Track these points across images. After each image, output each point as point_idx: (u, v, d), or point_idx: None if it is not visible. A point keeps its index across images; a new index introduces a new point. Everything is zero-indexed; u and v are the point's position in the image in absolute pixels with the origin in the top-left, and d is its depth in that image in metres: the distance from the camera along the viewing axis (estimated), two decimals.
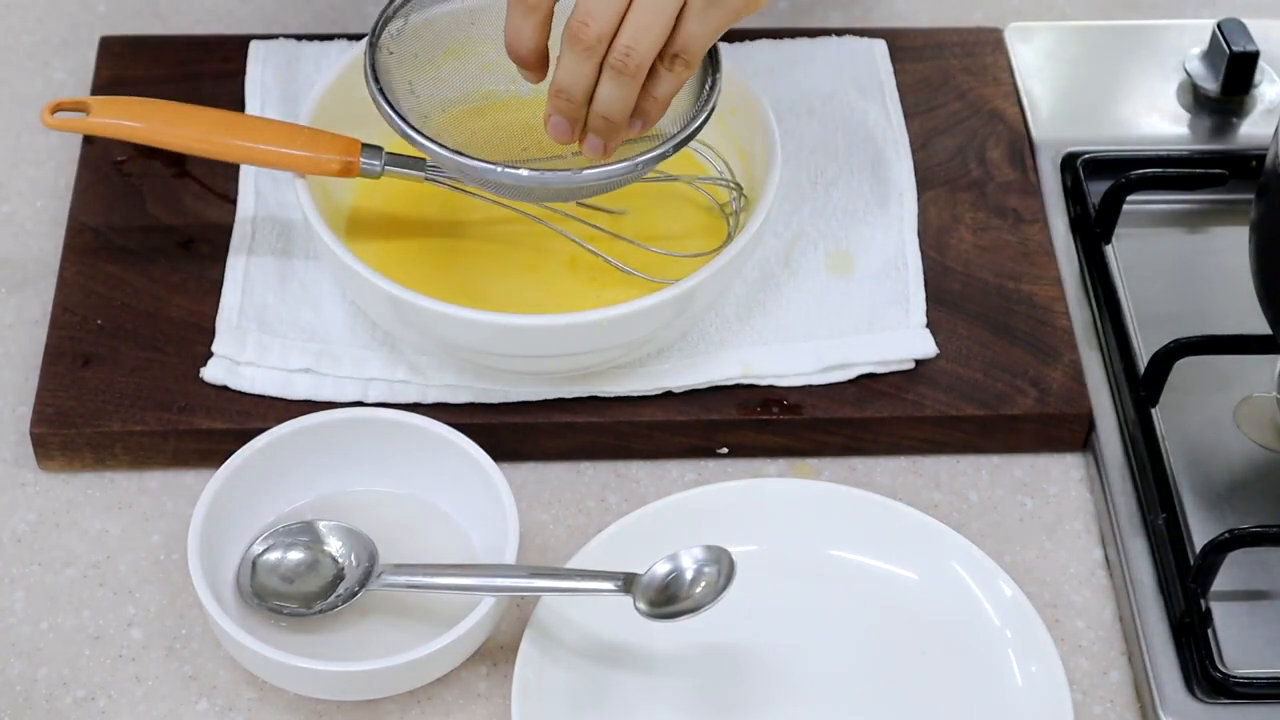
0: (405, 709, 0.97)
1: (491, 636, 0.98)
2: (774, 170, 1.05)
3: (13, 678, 0.98)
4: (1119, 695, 0.99)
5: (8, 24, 1.27)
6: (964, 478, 1.08)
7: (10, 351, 1.10)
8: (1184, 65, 1.24)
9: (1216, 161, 1.17)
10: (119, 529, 1.03)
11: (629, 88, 0.96)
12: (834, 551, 1.02)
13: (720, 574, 0.94)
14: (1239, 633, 0.99)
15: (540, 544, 1.04)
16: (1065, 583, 1.03)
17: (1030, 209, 1.16)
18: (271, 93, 1.18)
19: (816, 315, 1.09)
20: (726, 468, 1.07)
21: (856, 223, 1.14)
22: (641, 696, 0.97)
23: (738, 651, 0.99)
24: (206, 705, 0.97)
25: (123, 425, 1.04)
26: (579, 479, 1.07)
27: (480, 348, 1.02)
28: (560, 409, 1.06)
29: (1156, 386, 1.07)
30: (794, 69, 1.21)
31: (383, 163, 1.05)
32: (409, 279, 1.01)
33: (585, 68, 0.95)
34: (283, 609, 0.98)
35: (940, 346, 1.08)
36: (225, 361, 1.06)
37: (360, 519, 1.01)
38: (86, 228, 1.12)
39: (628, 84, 0.95)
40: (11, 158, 1.19)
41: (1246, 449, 1.07)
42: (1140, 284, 1.13)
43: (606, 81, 0.96)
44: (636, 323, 1.01)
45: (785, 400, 1.07)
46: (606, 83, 0.96)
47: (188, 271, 1.11)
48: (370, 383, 1.06)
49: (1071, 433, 1.08)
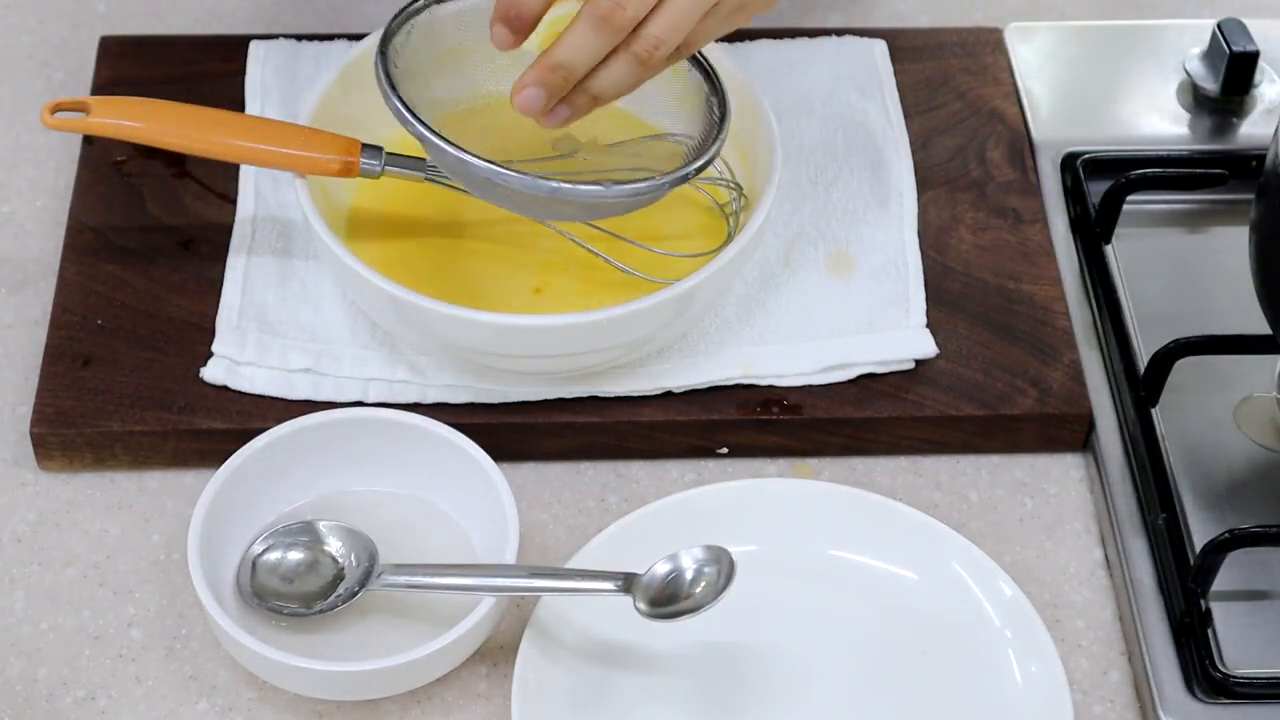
0: (405, 709, 0.97)
1: (491, 636, 0.98)
2: (774, 170, 1.05)
3: (13, 678, 0.98)
4: (1119, 695, 0.99)
5: (8, 24, 1.27)
6: (964, 478, 1.08)
7: (10, 351, 1.10)
8: (1184, 65, 1.24)
9: (1216, 161, 1.17)
10: (119, 529, 1.03)
11: (640, 76, 0.95)
12: (834, 551, 1.02)
13: (720, 574, 0.94)
14: (1239, 633, 0.99)
15: (540, 544, 1.04)
16: (1065, 583, 1.03)
17: (1030, 209, 1.16)
18: (271, 93, 1.18)
19: (816, 315, 1.09)
20: (726, 468, 1.07)
21: (856, 223, 1.14)
22: (641, 696, 0.97)
23: (738, 651, 0.99)
24: (206, 705, 0.97)
25: (123, 425, 1.04)
26: (579, 479, 1.07)
27: (480, 348, 1.02)
28: (560, 409, 1.06)
29: (1156, 386, 1.07)
30: (794, 69, 1.21)
31: (383, 163, 1.05)
32: (409, 279, 1.01)
33: (599, 47, 0.94)
34: (283, 609, 0.98)
35: (940, 346, 1.08)
36: (225, 361, 1.06)
37: (360, 519, 1.01)
38: (86, 228, 1.12)
39: (641, 73, 0.95)
40: (11, 158, 1.19)
41: (1246, 449, 1.07)
42: (1140, 284, 1.13)
43: (620, 66, 0.95)
44: (636, 323, 1.01)
45: (785, 400, 1.07)
46: (619, 67, 0.95)
47: (188, 271, 1.11)
48: (370, 383, 1.06)
49: (1071, 433, 1.08)
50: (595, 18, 0.93)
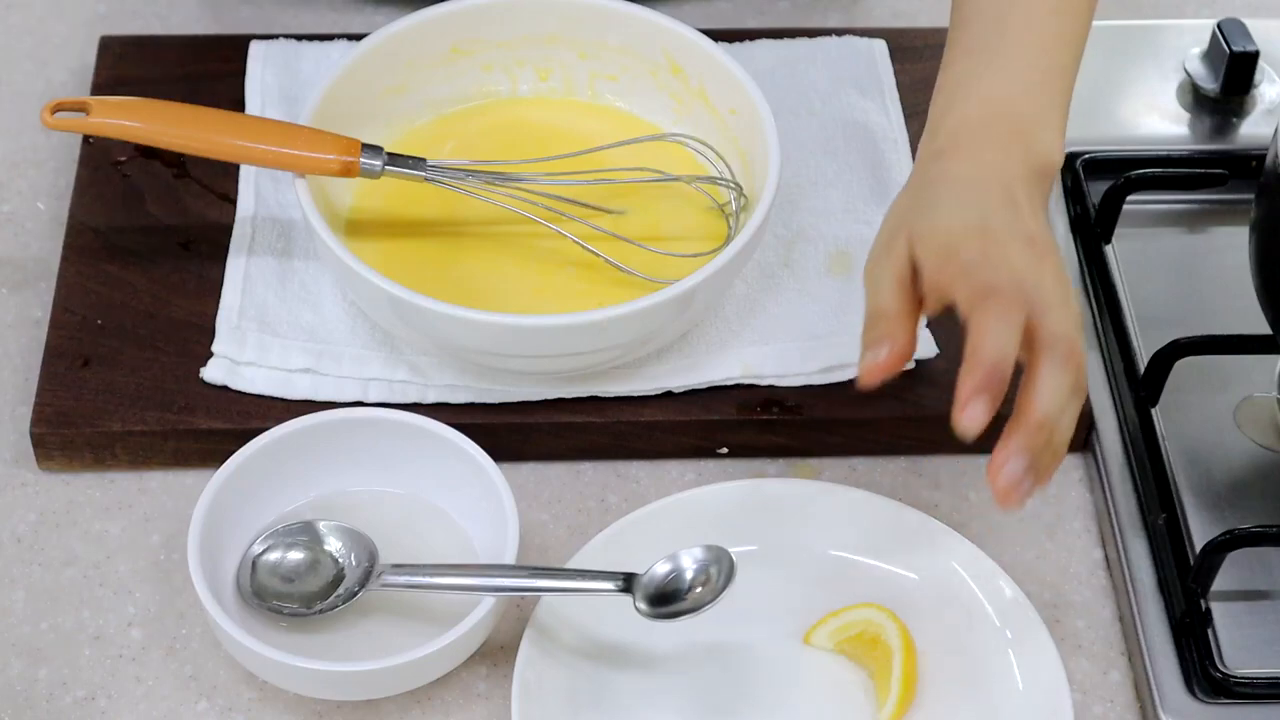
0: (405, 709, 0.97)
1: (491, 636, 0.98)
2: (774, 170, 1.05)
3: (13, 678, 0.98)
4: (1119, 695, 0.99)
5: (8, 24, 1.27)
6: (964, 478, 1.08)
7: (10, 351, 1.10)
8: (1184, 65, 1.24)
9: (1216, 161, 1.17)
10: (119, 529, 1.03)
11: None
12: (834, 551, 1.02)
13: (720, 574, 0.94)
14: (1239, 633, 0.99)
15: (540, 544, 1.04)
16: (1065, 583, 1.03)
17: None
18: (271, 93, 1.18)
19: (816, 315, 1.09)
20: (726, 468, 1.07)
21: (856, 223, 1.14)
22: (641, 696, 0.97)
23: (738, 651, 0.99)
24: (206, 705, 0.97)
25: (123, 425, 1.04)
26: (579, 479, 1.07)
27: (480, 348, 1.02)
28: (560, 409, 1.06)
29: (1156, 386, 1.07)
30: (794, 69, 1.21)
31: (383, 162, 1.05)
32: (409, 279, 1.01)
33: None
34: (283, 609, 0.98)
35: (940, 346, 1.08)
36: (225, 361, 1.06)
37: (360, 519, 1.01)
38: (86, 228, 1.12)
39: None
40: (11, 158, 1.19)
41: (1246, 449, 1.07)
42: (1140, 284, 1.13)
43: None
44: (636, 323, 1.01)
45: (785, 400, 1.07)
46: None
47: (188, 271, 1.11)
48: (370, 383, 1.06)
49: None
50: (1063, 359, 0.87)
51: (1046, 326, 0.87)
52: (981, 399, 0.86)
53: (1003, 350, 0.86)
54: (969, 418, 0.87)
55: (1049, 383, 0.88)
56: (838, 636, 0.98)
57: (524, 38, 1.14)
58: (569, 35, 1.14)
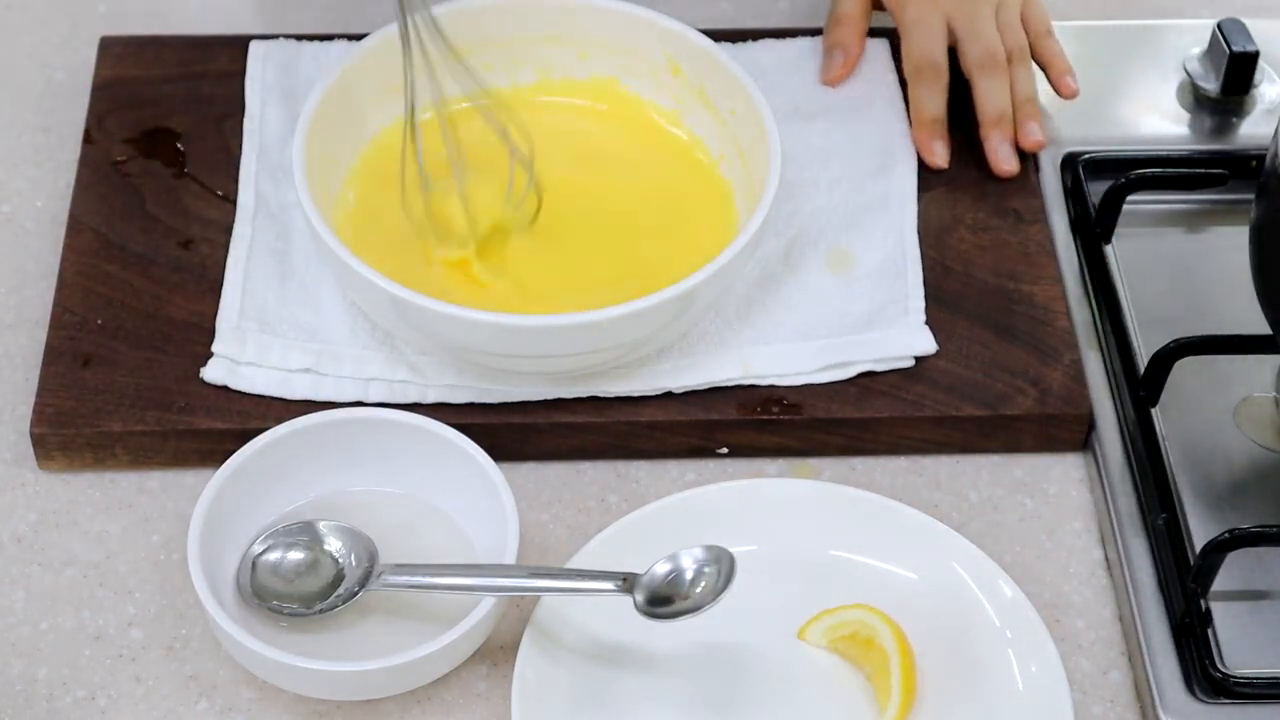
0: (405, 709, 0.97)
1: (491, 636, 0.98)
2: (774, 170, 1.05)
3: (13, 678, 0.98)
4: (1119, 695, 0.99)
5: (8, 24, 1.27)
6: (964, 478, 1.08)
7: (10, 351, 1.10)
8: (1184, 65, 1.24)
9: (1216, 161, 1.17)
10: (119, 529, 1.03)
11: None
12: (834, 551, 1.02)
13: (720, 574, 0.94)
14: (1239, 633, 0.99)
15: (540, 544, 1.04)
16: (1065, 583, 1.03)
17: (1030, 209, 1.16)
18: (272, 93, 1.18)
19: (816, 314, 1.09)
20: (726, 468, 1.07)
21: (856, 221, 1.14)
22: (641, 696, 0.97)
23: (738, 651, 0.99)
24: (206, 705, 0.97)
25: (123, 425, 1.04)
26: (579, 479, 1.07)
27: (480, 348, 1.02)
28: (560, 409, 1.06)
29: (1156, 386, 1.07)
30: (794, 69, 1.21)
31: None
32: (409, 279, 1.01)
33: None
34: (283, 609, 0.98)
35: (940, 346, 1.08)
36: (225, 361, 1.06)
37: (360, 519, 1.01)
38: (86, 228, 1.12)
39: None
40: (11, 158, 1.19)
41: (1246, 449, 1.07)
42: (1140, 284, 1.13)
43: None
44: (636, 323, 1.01)
45: (785, 400, 1.07)
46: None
47: (188, 271, 1.11)
48: (370, 383, 1.06)
49: (1071, 433, 1.08)
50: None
51: (970, 54, 1.18)
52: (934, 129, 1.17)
53: (926, 53, 1.18)
54: (936, 153, 1.17)
55: (987, 92, 1.17)
56: (831, 634, 0.98)
57: (524, 38, 1.14)
58: (569, 35, 1.14)
